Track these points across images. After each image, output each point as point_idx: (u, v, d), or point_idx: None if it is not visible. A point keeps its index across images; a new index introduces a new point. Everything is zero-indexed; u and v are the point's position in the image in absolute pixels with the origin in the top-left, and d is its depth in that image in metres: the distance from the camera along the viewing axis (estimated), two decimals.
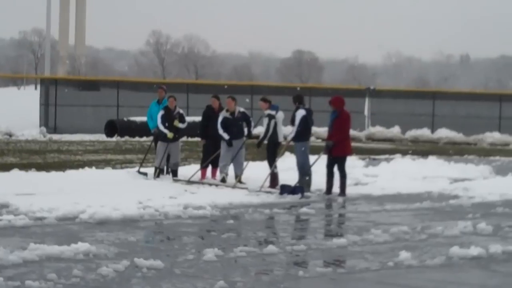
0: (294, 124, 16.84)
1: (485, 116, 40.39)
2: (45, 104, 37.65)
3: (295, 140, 16.94)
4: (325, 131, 19.68)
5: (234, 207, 14.50)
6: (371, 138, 39.73)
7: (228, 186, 17.23)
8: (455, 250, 10.33)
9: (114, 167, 20.57)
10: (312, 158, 16.98)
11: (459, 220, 13.30)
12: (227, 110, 17.85)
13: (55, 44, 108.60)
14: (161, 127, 18.19)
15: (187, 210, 13.52)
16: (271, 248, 10.33)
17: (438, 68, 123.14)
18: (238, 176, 17.61)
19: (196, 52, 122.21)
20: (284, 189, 16.24)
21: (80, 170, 19.04)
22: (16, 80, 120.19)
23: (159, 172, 18.33)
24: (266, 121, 17.28)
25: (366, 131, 40.60)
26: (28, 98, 47.19)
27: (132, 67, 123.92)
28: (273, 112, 17.26)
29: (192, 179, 17.86)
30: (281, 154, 17.71)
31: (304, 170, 16.83)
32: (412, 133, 40.23)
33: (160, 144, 18.36)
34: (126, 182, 17.25)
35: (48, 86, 38.38)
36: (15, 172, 18.21)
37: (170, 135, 18.15)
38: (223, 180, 17.68)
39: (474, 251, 10.36)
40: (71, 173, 18.45)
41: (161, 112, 18.27)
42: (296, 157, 17.10)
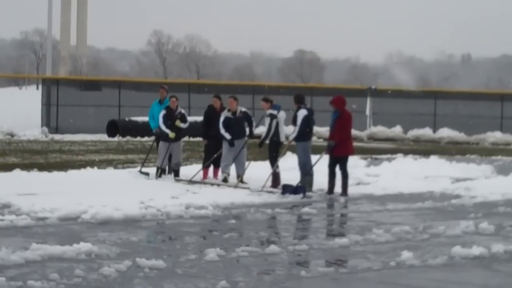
0: (295, 124, 16.83)
1: (486, 115, 40.39)
2: (46, 104, 37.70)
3: (297, 140, 16.93)
4: (326, 130, 19.69)
5: (236, 207, 14.50)
6: (372, 138, 39.73)
7: (230, 186, 17.23)
8: (457, 250, 10.32)
9: (116, 167, 20.58)
10: (314, 158, 16.97)
11: (461, 219, 13.28)
12: (229, 110, 17.85)
13: (56, 44, 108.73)
14: (162, 127, 18.20)
15: (189, 210, 13.51)
16: (273, 248, 10.32)
17: (439, 68, 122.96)
18: (240, 176, 17.61)
19: (197, 52, 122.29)
20: (286, 189, 16.23)
21: (82, 170, 19.05)
22: (17, 80, 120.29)
23: (161, 172, 18.34)
24: (268, 121, 17.29)
25: (368, 130, 40.60)
26: (30, 98, 47.31)
27: (134, 67, 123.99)
28: (275, 112, 17.27)
29: (194, 179, 17.86)
30: (283, 154, 17.70)
31: (306, 170, 16.83)
32: (414, 132, 40.24)
33: (162, 144, 18.37)
34: (128, 182, 17.26)
35: (50, 86, 38.42)
36: (17, 172, 18.23)
37: (171, 135, 18.16)
38: (225, 180, 17.68)
39: (476, 250, 10.35)
40: (73, 173, 18.45)
41: (162, 112, 18.28)
42: (298, 157, 17.09)
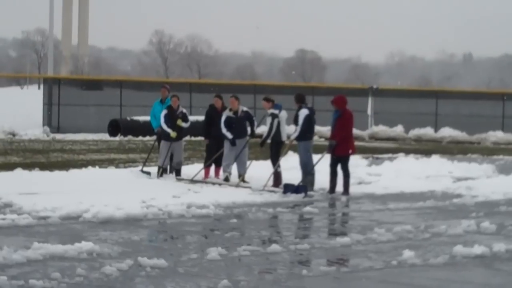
0: (297, 123, 16.83)
1: (488, 115, 40.37)
2: (48, 103, 37.68)
3: (298, 139, 16.93)
4: (328, 130, 19.68)
5: (237, 206, 14.50)
6: (374, 137, 39.70)
7: (231, 185, 17.23)
8: (459, 249, 10.33)
9: (117, 167, 20.58)
10: (316, 157, 16.97)
11: (463, 219, 13.28)
12: (231, 109, 17.84)
13: (58, 43, 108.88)
14: (164, 127, 18.20)
15: (191, 209, 13.52)
16: (274, 247, 10.33)
17: (441, 67, 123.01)
18: (241, 175, 17.61)
19: (199, 51, 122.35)
20: (287, 188, 16.23)
21: (84, 169, 19.06)
22: (19, 80, 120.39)
23: (162, 171, 18.34)
24: (269, 120, 17.28)
25: (369, 130, 40.59)
26: (31, 98, 47.29)
27: (135, 67, 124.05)
28: (276, 111, 17.27)
29: (196, 178, 17.86)
30: (284, 153, 17.70)
31: (308, 169, 16.83)
32: (415, 132, 40.21)
33: (163, 143, 18.37)
34: (130, 181, 17.26)
35: (51, 85, 38.41)
36: (19, 171, 18.23)
37: (173, 134, 18.16)
38: (227, 179, 17.67)
39: (478, 250, 10.35)
40: (74, 172, 18.46)
41: (164, 112, 18.28)
42: (299, 156, 17.10)
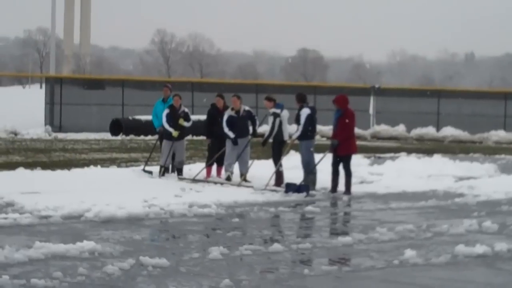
0: (299, 123, 16.82)
1: (490, 114, 40.33)
2: (50, 103, 37.68)
3: (300, 138, 16.93)
4: (330, 129, 19.67)
5: (239, 205, 14.51)
6: (376, 137, 39.68)
7: (233, 185, 17.23)
8: (461, 248, 10.33)
9: (119, 166, 20.58)
10: (317, 157, 16.97)
11: (465, 218, 13.28)
12: (232, 109, 17.84)
13: (60, 43, 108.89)
14: (166, 126, 18.21)
15: (192, 208, 13.52)
16: (276, 246, 10.33)
17: (443, 67, 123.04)
18: (243, 174, 17.61)
19: (201, 50, 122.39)
20: (289, 187, 16.23)
21: (85, 168, 19.06)
22: (21, 79, 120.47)
23: (164, 171, 18.34)
24: (271, 119, 17.28)
25: (371, 129, 40.58)
26: (33, 97, 47.28)
27: (137, 66, 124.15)
28: (278, 111, 17.27)
29: (197, 177, 17.87)
30: (286, 153, 17.70)
31: (309, 169, 16.83)
32: (417, 131, 40.17)
33: (165, 143, 18.38)
34: (131, 181, 17.27)
35: (53, 85, 38.42)
36: (21, 170, 18.23)
37: (175, 133, 18.16)
38: (228, 178, 17.67)
39: (480, 249, 10.35)
40: (76, 171, 18.46)
41: (166, 111, 18.29)
42: (301, 155, 17.09)
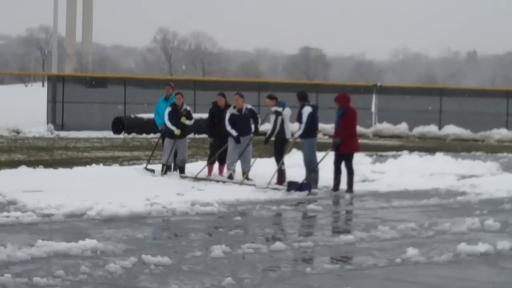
0: (301, 121, 16.82)
1: (492, 112, 40.34)
2: (52, 101, 37.71)
3: (302, 137, 16.92)
4: (332, 127, 19.65)
5: (241, 203, 14.51)
6: (378, 135, 39.69)
7: (235, 183, 17.22)
8: (463, 247, 10.32)
9: (121, 164, 20.59)
10: (320, 155, 16.97)
11: (467, 216, 13.27)
12: (235, 107, 17.83)
13: (62, 41, 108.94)
14: (168, 124, 18.21)
15: (195, 206, 13.52)
16: (278, 244, 10.33)
17: (445, 65, 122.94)
18: (245, 172, 17.61)
19: (203, 49, 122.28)
20: (291, 185, 16.23)
21: (88, 167, 19.07)
22: (23, 77, 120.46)
23: (166, 169, 18.35)
24: (273, 117, 17.28)
25: (373, 127, 40.57)
26: (35, 95, 47.36)
27: (139, 64, 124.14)
28: (280, 109, 17.26)
29: (199, 175, 17.87)
30: (288, 151, 17.70)
31: (311, 167, 16.82)
32: (419, 129, 40.18)
33: (167, 141, 18.38)
34: (134, 179, 17.27)
35: (55, 83, 38.45)
36: (23, 169, 18.27)
37: (177, 132, 18.16)
38: (230, 176, 17.67)
39: (482, 247, 10.34)
40: (78, 170, 18.48)
41: (168, 109, 18.29)
42: (303, 153, 17.08)
